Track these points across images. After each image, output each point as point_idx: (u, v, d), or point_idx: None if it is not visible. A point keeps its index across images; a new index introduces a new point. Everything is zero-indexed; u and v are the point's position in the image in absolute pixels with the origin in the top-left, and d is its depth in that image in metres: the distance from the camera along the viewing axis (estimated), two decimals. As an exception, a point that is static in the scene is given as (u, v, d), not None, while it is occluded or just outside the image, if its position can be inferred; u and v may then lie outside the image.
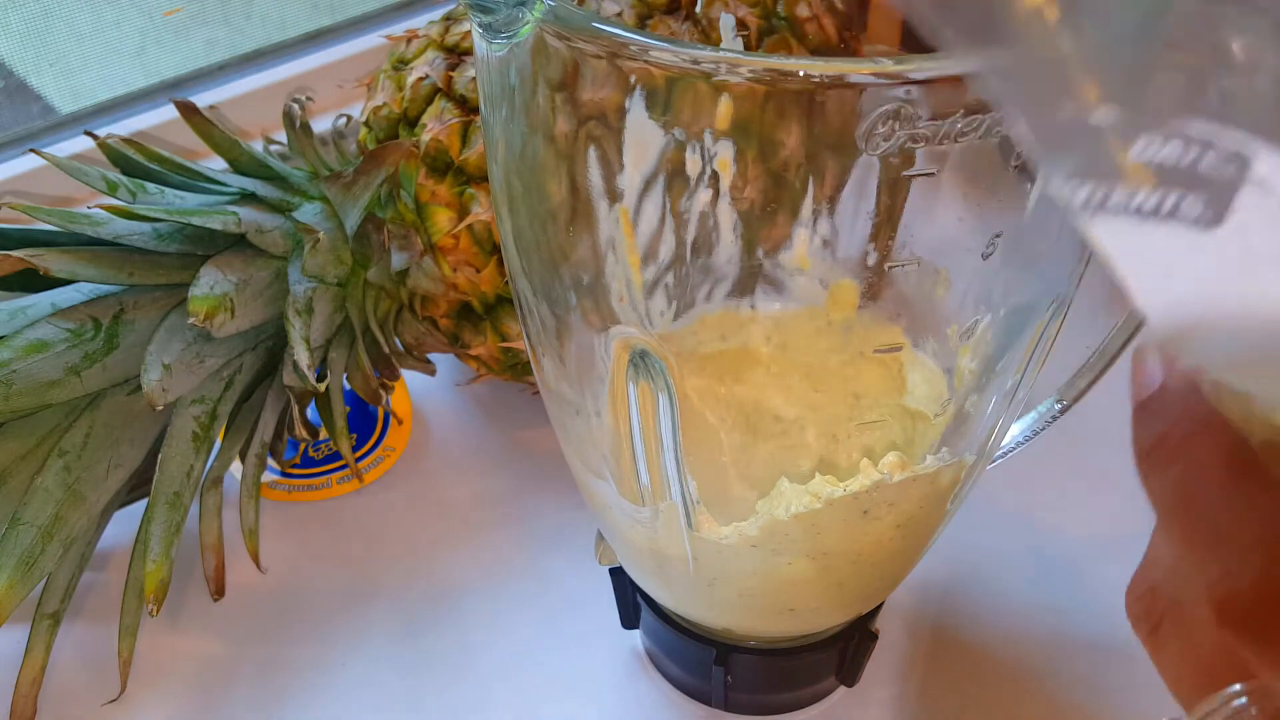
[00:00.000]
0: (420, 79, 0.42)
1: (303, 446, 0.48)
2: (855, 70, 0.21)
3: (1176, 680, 0.20)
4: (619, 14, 0.41)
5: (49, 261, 0.35)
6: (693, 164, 0.24)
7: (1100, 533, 0.44)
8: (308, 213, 0.41)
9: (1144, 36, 0.14)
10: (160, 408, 0.36)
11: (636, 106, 0.23)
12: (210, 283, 0.37)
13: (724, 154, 0.24)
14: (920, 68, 0.21)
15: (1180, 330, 0.16)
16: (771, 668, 0.36)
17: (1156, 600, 0.20)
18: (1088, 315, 0.32)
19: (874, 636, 0.37)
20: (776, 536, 0.29)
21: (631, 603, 0.38)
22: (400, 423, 0.49)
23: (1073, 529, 0.44)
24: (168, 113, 0.57)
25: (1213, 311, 0.15)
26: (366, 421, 0.49)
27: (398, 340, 0.45)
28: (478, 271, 0.42)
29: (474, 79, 0.42)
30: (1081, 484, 0.46)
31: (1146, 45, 0.14)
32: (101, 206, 0.37)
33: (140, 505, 0.39)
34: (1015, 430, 0.36)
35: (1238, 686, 0.18)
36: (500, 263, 0.42)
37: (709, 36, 0.41)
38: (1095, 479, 0.45)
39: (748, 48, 0.41)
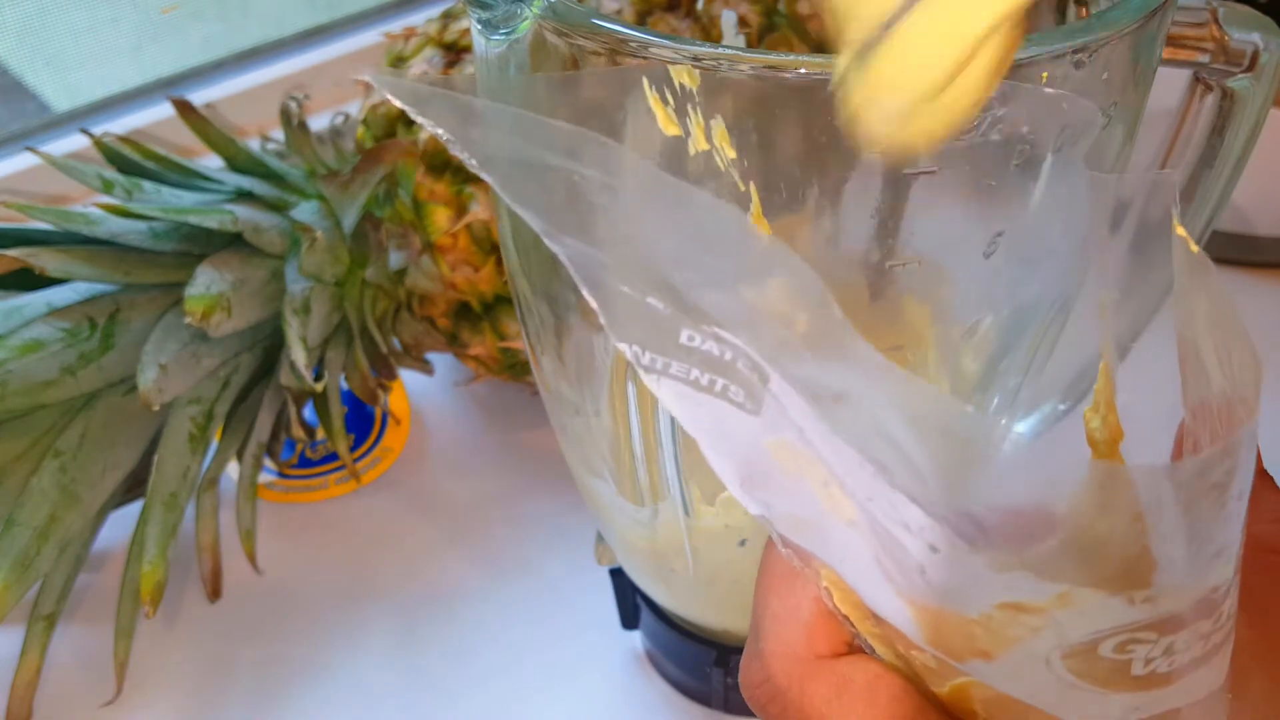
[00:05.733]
0: (419, 76, 0.42)
1: (300, 447, 0.47)
2: (858, 67, 0.21)
3: None
4: (618, 11, 0.41)
5: (44, 260, 0.35)
6: (693, 162, 0.24)
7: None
8: (305, 211, 0.40)
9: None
10: (156, 408, 0.36)
11: (636, 104, 0.23)
12: (207, 282, 0.36)
13: (725, 152, 0.23)
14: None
15: (744, 481, 0.19)
16: (772, 669, 0.36)
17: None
18: (1091, 315, 0.32)
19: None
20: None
21: (631, 603, 0.38)
22: (398, 423, 0.49)
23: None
24: (164, 111, 0.56)
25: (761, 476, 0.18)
26: (364, 422, 0.49)
27: (395, 340, 0.45)
28: (476, 271, 0.42)
29: (472, 76, 0.42)
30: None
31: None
32: (97, 205, 0.37)
33: (136, 506, 0.38)
34: (1017, 432, 0.36)
35: None
36: (499, 262, 0.42)
37: (709, 34, 0.40)
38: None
39: (749, 45, 0.41)
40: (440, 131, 0.17)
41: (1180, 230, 0.18)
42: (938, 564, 0.16)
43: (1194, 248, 0.18)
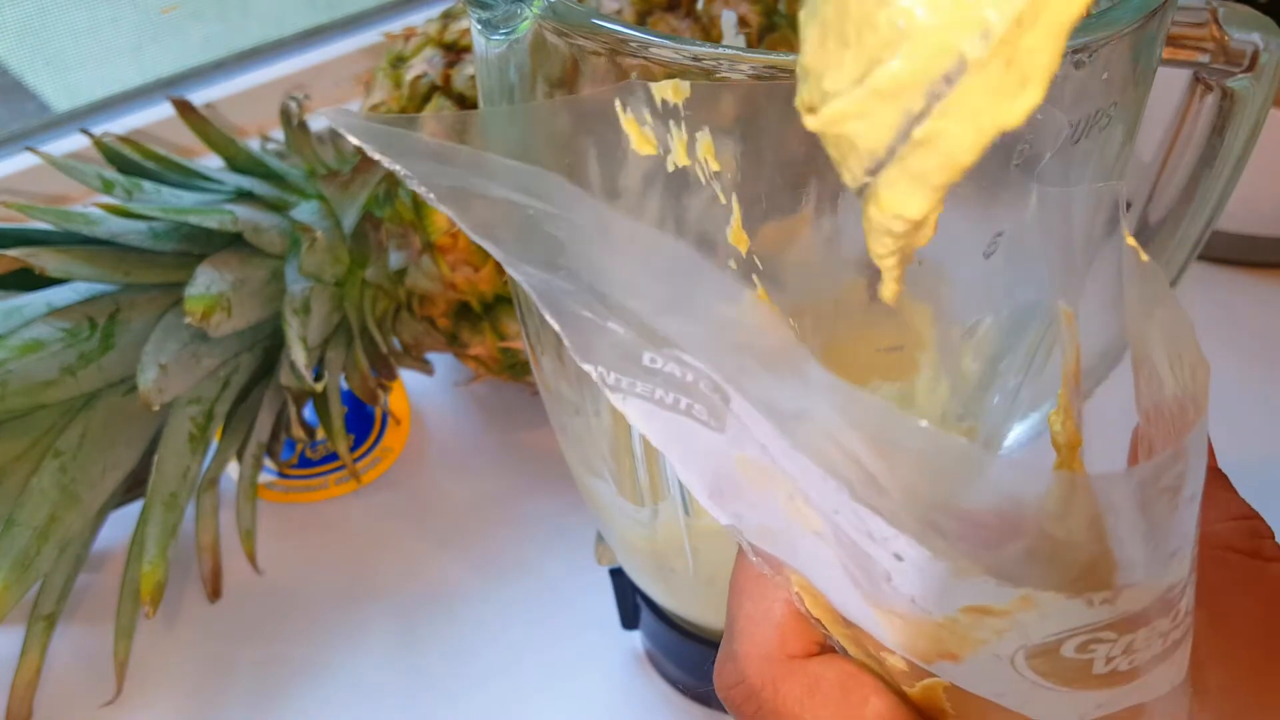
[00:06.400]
0: (418, 76, 0.42)
1: (300, 447, 0.47)
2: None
3: None
4: (618, 11, 0.41)
5: (44, 260, 0.35)
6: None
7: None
8: (305, 211, 0.40)
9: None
10: (156, 408, 0.36)
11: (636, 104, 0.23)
12: (207, 282, 0.36)
13: (725, 151, 0.23)
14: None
15: (714, 494, 0.19)
16: (772, 669, 0.36)
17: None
18: (1092, 315, 0.32)
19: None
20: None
21: (631, 603, 0.38)
22: (398, 423, 0.49)
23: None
24: (164, 111, 0.56)
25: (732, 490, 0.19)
26: (364, 422, 0.49)
27: (395, 340, 0.45)
28: (476, 270, 0.42)
29: (472, 76, 0.42)
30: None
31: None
32: (97, 205, 0.37)
33: (136, 506, 0.38)
34: (1018, 432, 0.36)
35: None
36: (498, 262, 0.42)
37: (709, 34, 0.40)
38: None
39: (749, 45, 0.41)
40: (398, 168, 0.18)
41: (1130, 240, 0.18)
42: (903, 572, 0.17)
43: (1144, 257, 0.18)
